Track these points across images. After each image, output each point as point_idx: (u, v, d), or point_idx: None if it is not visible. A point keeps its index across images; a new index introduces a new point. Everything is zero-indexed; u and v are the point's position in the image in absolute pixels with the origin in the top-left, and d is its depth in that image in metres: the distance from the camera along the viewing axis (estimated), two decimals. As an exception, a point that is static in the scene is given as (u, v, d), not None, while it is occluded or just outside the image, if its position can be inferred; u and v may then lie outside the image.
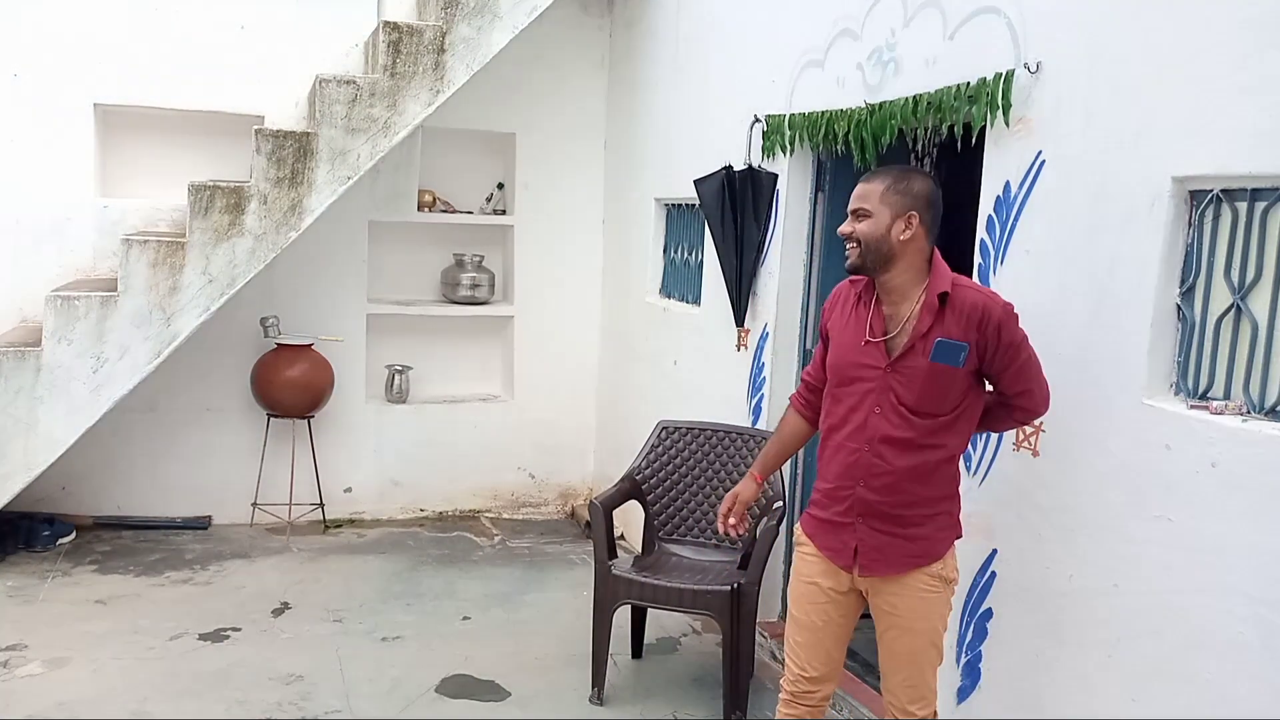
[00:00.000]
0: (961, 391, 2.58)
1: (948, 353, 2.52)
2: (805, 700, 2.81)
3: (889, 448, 2.59)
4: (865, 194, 2.59)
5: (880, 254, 2.56)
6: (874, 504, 2.63)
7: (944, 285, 2.55)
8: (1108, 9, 2.73)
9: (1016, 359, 2.57)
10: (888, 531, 2.63)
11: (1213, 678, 2.41)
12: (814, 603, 2.75)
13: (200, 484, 5.76)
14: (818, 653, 2.76)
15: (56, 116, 5.33)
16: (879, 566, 2.65)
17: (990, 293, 2.62)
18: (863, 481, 2.63)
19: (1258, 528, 2.31)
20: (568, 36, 6.13)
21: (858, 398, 2.64)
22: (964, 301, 2.54)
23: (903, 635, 2.66)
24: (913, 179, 2.59)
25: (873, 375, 2.61)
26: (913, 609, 2.64)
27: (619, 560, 3.98)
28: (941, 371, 2.53)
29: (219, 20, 5.50)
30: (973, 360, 2.54)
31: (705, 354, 4.90)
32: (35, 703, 3.67)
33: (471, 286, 6.13)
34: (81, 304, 4.66)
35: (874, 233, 2.54)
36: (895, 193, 2.55)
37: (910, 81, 3.47)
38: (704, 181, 4.49)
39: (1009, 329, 2.54)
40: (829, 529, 2.72)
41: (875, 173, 2.65)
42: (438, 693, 3.92)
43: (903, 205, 2.54)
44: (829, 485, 2.72)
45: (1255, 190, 2.42)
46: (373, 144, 4.91)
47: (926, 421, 2.57)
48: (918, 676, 2.69)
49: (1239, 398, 2.47)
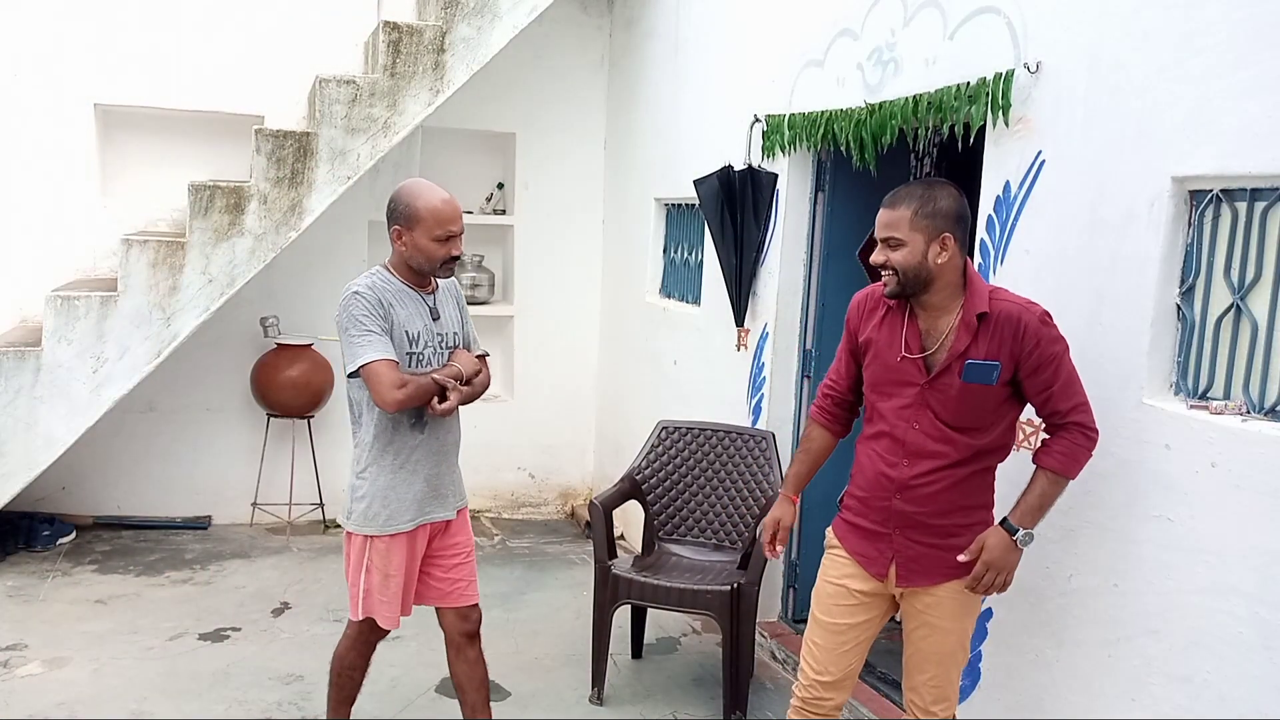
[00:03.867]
0: (999, 405, 2.54)
1: (979, 373, 2.49)
2: (815, 708, 2.74)
3: (926, 460, 2.56)
4: (894, 222, 2.50)
5: (920, 280, 2.50)
6: (911, 515, 2.59)
7: (981, 304, 2.49)
8: (1108, 9, 2.73)
9: (1059, 370, 2.49)
10: (926, 543, 2.59)
11: (1212, 678, 2.41)
12: (841, 604, 2.71)
13: (200, 484, 5.76)
14: (836, 656, 2.71)
15: (56, 116, 5.33)
16: (917, 577, 2.62)
17: (1026, 302, 2.54)
18: (898, 494, 2.60)
19: (1257, 528, 2.31)
20: (568, 36, 6.14)
21: (896, 412, 2.60)
22: (999, 314, 2.49)
23: (933, 634, 2.63)
24: (938, 197, 2.49)
25: (910, 392, 2.57)
26: (945, 608, 2.61)
27: (619, 560, 3.98)
28: (976, 390, 2.50)
29: (219, 20, 5.50)
30: (1008, 372, 2.49)
31: (705, 354, 4.90)
32: (35, 702, 3.67)
33: (471, 286, 6.13)
34: (81, 304, 4.66)
35: (910, 261, 2.48)
36: (925, 216, 2.47)
37: (910, 81, 3.47)
38: (704, 181, 4.49)
39: (1047, 337, 2.48)
40: (864, 536, 2.68)
41: (898, 195, 2.54)
42: (437, 692, 3.92)
43: (935, 229, 2.47)
44: (863, 494, 2.68)
45: (1255, 190, 2.42)
46: (373, 144, 4.91)
47: (965, 436, 2.54)
48: (943, 677, 2.65)
49: (1239, 398, 2.47)
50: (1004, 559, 2.50)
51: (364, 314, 2.84)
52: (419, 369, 2.92)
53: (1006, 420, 2.58)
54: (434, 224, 2.88)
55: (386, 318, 2.87)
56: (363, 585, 2.99)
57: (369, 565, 2.98)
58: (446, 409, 2.90)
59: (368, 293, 2.86)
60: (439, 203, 2.89)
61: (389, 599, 3.01)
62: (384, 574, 2.98)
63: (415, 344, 2.94)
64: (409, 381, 2.83)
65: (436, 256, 2.92)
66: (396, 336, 2.89)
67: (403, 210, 2.90)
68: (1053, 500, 2.54)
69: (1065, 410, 2.52)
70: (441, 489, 3.06)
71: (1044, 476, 2.53)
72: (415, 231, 2.89)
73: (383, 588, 2.99)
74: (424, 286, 3.02)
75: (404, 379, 2.82)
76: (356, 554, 3.00)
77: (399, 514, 2.96)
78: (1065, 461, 2.52)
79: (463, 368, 2.99)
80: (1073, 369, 2.53)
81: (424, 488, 2.99)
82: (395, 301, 2.91)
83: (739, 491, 4.28)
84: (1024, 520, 2.51)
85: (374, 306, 2.85)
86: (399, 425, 2.93)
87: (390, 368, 2.81)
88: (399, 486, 2.95)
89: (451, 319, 3.09)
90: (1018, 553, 2.52)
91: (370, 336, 2.83)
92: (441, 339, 3.02)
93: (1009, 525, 2.51)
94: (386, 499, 2.95)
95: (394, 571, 2.99)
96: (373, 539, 2.97)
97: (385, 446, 2.94)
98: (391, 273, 2.98)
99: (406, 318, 2.93)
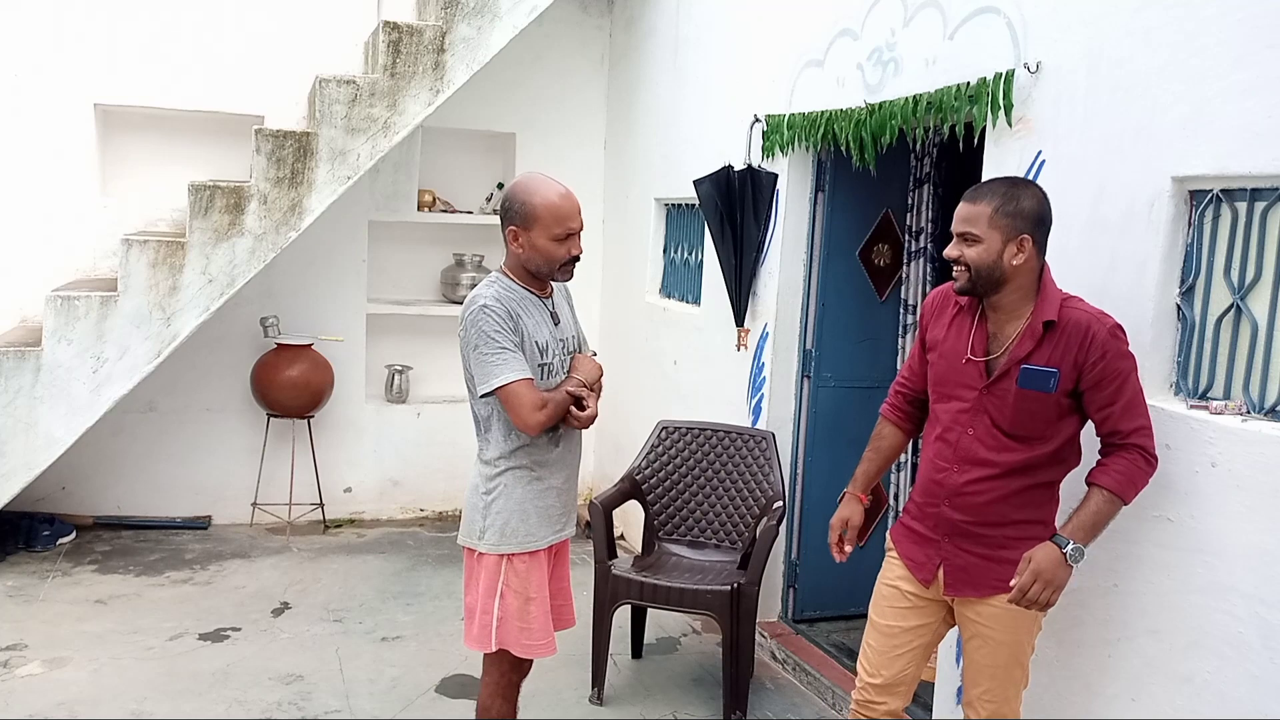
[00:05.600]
0: (1058, 416, 2.45)
1: (1036, 379, 2.41)
2: (869, 711, 2.69)
3: (978, 468, 2.50)
4: (973, 217, 2.43)
5: (992, 280, 2.44)
6: (959, 524, 2.54)
7: (1050, 312, 2.42)
8: (1108, 9, 2.73)
9: (1125, 387, 2.39)
10: (975, 553, 2.54)
11: (1212, 678, 2.41)
12: (894, 606, 2.67)
13: (200, 484, 5.76)
14: (888, 659, 2.66)
15: (56, 116, 5.33)
16: (964, 587, 2.56)
17: (1099, 312, 2.44)
18: (947, 501, 2.56)
19: (1257, 528, 2.31)
20: (568, 36, 6.14)
21: (952, 416, 2.56)
22: (1068, 321, 2.41)
23: (984, 645, 2.57)
24: (1022, 196, 2.42)
25: (969, 395, 2.52)
26: (998, 619, 2.53)
27: (619, 560, 3.99)
28: (1033, 397, 2.42)
29: (219, 20, 5.50)
30: (1069, 382, 2.41)
31: (705, 354, 4.90)
32: (35, 702, 3.67)
33: (471, 286, 6.07)
34: (81, 304, 4.66)
35: (985, 259, 2.41)
36: (1005, 215, 2.39)
37: (910, 81, 3.47)
38: (703, 181, 4.49)
39: (1115, 350, 2.38)
40: (915, 540, 2.66)
41: (981, 190, 2.47)
42: (437, 692, 3.92)
43: (1014, 229, 2.39)
44: (919, 499, 2.65)
45: (1255, 190, 2.42)
46: (373, 144, 4.91)
47: (1022, 446, 2.46)
48: (998, 693, 2.57)
49: (1239, 398, 2.47)
50: (1052, 572, 2.36)
51: (496, 330, 2.65)
52: (549, 380, 2.76)
53: (1066, 433, 2.48)
54: (553, 222, 2.68)
55: (517, 330, 2.69)
56: (496, 612, 2.75)
57: (504, 589, 2.76)
58: (588, 417, 2.76)
59: (497, 306, 2.67)
60: (557, 198, 2.69)
61: (528, 625, 2.77)
62: (524, 597, 2.76)
63: (545, 354, 2.76)
64: (548, 401, 2.67)
65: (556, 257, 2.73)
66: (527, 349, 2.71)
67: (518, 209, 2.70)
68: (1107, 521, 2.41)
69: (1127, 431, 2.41)
70: (570, 504, 2.91)
71: (1099, 494, 2.40)
72: (533, 231, 2.69)
73: (521, 613, 2.76)
74: (543, 290, 2.83)
75: (544, 399, 2.67)
76: (489, 577, 2.76)
77: (538, 530, 2.78)
78: (1122, 483, 2.40)
79: (585, 376, 2.81)
80: (1139, 389, 2.42)
81: (556, 502, 2.83)
82: (522, 311, 2.72)
83: (739, 491, 4.27)
84: (1075, 535, 2.38)
85: (504, 320, 2.67)
86: (535, 438, 2.76)
87: (529, 388, 2.65)
88: (535, 500, 2.78)
89: (569, 322, 2.93)
90: (1068, 569, 2.38)
91: (505, 354, 2.64)
92: (563, 344, 2.84)
93: (1059, 539, 2.39)
94: (525, 513, 2.76)
95: (534, 593, 2.78)
96: (510, 558, 2.76)
97: (520, 460, 2.76)
98: (512, 279, 2.78)
99: (534, 327, 2.75)
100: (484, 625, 2.77)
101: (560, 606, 2.97)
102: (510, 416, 2.69)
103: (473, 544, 2.80)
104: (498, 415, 2.74)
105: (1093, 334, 2.38)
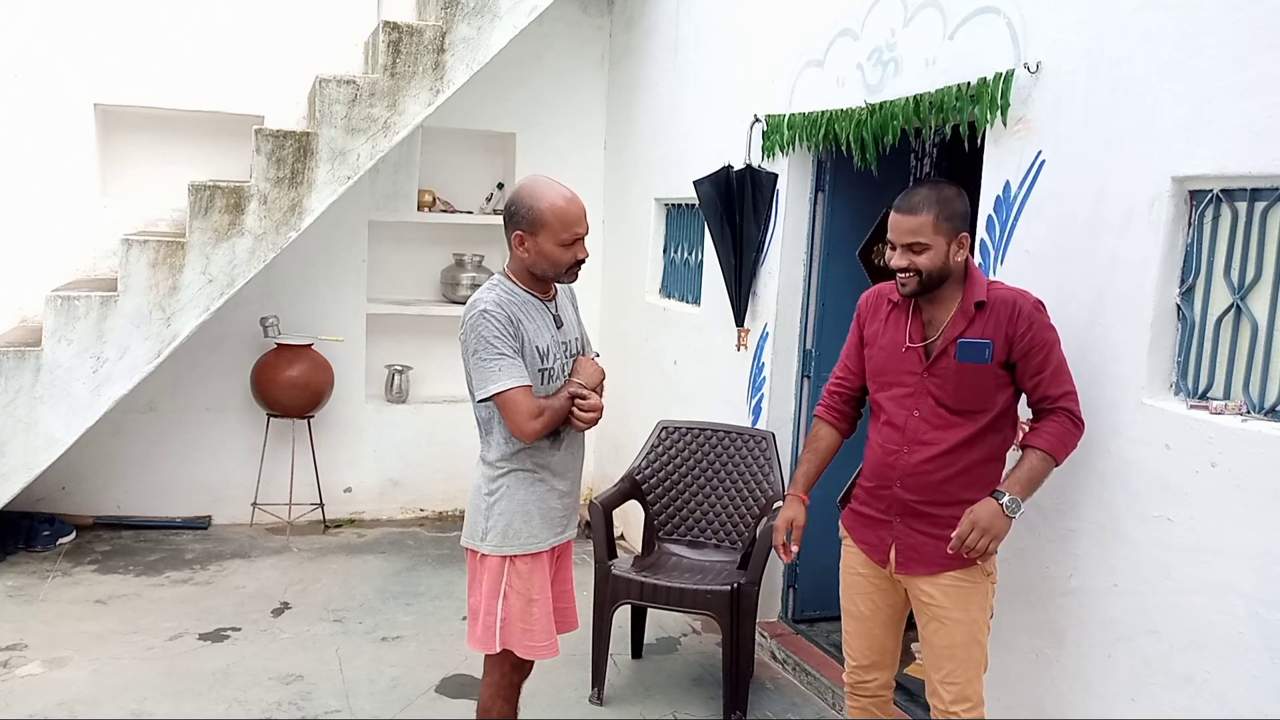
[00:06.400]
0: (995, 387, 2.61)
1: (973, 351, 2.59)
2: (862, 691, 2.87)
3: (927, 448, 2.64)
4: (917, 227, 2.58)
5: (940, 278, 2.62)
6: (910, 504, 2.67)
7: (980, 293, 2.62)
8: (1108, 9, 2.73)
9: (1051, 356, 2.59)
10: (925, 532, 2.65)
11: (1212, 678, 2.41)
12: (860, 592, 2.82)
13: (200, 484, 5.76)
14: (867, 640, 2.83)
15: (56, 116, 5.33)
16: (915, 565, 2.68)
17: (1020, 290, 2.66)
18: (899, 482, 2.68)
19: (1257, 528, 2.31)
20: (568, 36, 6.14)
21: (896, 402, 2.70)
22: (996, 299, 2.61)
23: (941, 627, 2.64)
24: (952, 200, 2.60)
25: (910, 380, 2.68)
26: (949, 595, 2.63)
27: (619, 560, 3.99)
28: (971, 369, 2.59)
29: (219, 20, 5.50)
30: (1002, 353, 2.58)
31: (705, 354, 4.90)
32: (35, 702, 3.67)
33: (471, 286, 6.11)
34: (81, 304, 4.66)
35: (935, 263, 2.59)
36: (945, 219, 2.57)
37: (910, 81, 3.47)
38: (703, 181, 4.49)
39: (1039, 322, 2.59)
40: (867, 524, 2.78)
41: (914, 201, 2.60)
42: (437, 692, 3.92)
43: (954, 229, 2.58)
44: (869, 484, 2.78)
45: (1255, 190, 2.42)
46: (373, 144, 4.91)
47: (965, 420, 2.61)
48: (959, 673, 2.63)
49: (1239, 398, 2.47)
50: (989, 520, 2.50)
51: (495, 335, 2.63)
52: (550, 384, 2.75)
53: (1002, 403, 2.63)
54: (559, 227, 2.65)
55: (517, 336, 2.68)
56: (500, 613, 2.75)
57: (507, 590, 2.76)
58: (591, 417, 2.75)
59: (497, 310, 2.65)
60: (563, 202, 2.66)
61: (531, 627, 2.78)
62: (526, 599, 2.76)
63: (545, 359, 2.74)
64: (545, 409, 2.67)
65: (563, 262, 2.70)
66: (527, 354, 2.70)
67: (524, 214, 2.67)
68: (1041, 478, 2.58)
69: (1055, 396, 2.60)
70: (573, 506, 2.90)
71: (1034, 454, 2.57)
72: (539, 236, 2.66)
73: (524, 614, 2.77)
74: (546, 293, 2.80)
75: (540, 407, 2.66)
76: (492, 579, 2.76)
77: (540, 531, 2.78)
78: (1054, 442, 2.57)
79: (586, 379, 2.79)
80: (1063, 358, 2.61)
81: (559, 504, 2.83)
82: (523, 316, 2.71)
83: (739, 491, 4.28)
84: (1012, 489, 2.54)
85: (504, 326, 2.65)
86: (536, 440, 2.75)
87: (526, 395, 2.64)
88: (538, 502, 2.77)
89: (572, 324, 2.90)
90: (1006, 520, 2.52)
91: (503, 361, 2.63)
92: (565, 347, 2.82)
93: (997, 493, 2.54)
94: (528, 515, 2.76)
95: (537, 595, 2.78)
96: (513, 560, 2.76)
97: (523, 462, 2.76)
98: (513, 281, 2.76)
99: (535, 332, 2.73)
100: (487, 627, 2.77)
101: (563, 609, 2.97)
102: (507, 423, 2.69)
103: (475, 545, 2.80)
104: (499, 418, 2.74)
105: (1019, 308, 2.58)
